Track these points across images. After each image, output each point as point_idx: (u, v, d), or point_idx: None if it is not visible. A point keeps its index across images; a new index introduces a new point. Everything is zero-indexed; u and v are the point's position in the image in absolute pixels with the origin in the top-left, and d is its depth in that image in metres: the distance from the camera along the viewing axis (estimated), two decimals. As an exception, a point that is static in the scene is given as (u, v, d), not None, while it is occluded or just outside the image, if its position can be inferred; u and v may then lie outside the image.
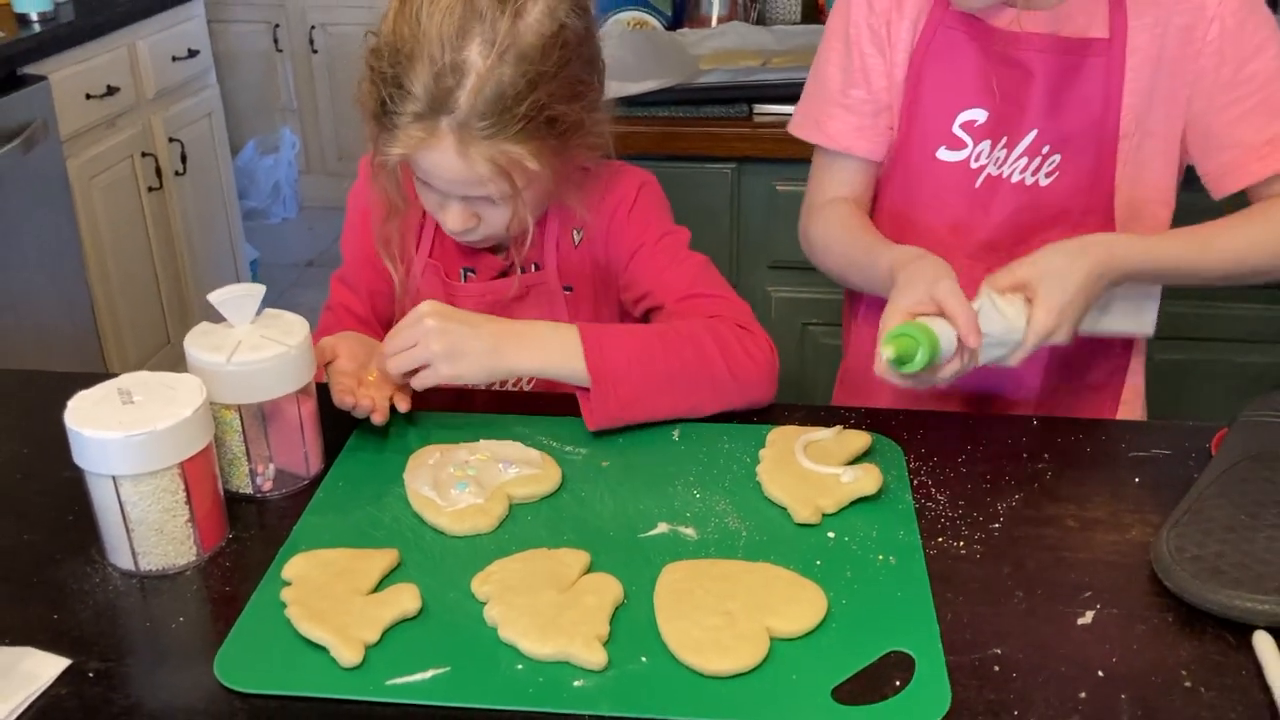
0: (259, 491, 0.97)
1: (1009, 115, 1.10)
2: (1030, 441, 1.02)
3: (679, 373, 1.03)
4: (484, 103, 0.97)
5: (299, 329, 0.96)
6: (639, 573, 0.85)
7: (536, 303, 1.18)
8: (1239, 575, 0.80)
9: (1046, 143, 1.09)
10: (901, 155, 1.16)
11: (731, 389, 1.05)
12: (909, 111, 1.14)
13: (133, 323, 2.71)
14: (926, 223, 1.16)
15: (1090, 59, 1.07)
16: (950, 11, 1.10)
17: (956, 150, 1.12)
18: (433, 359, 0.99)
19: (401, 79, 0.98)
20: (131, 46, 2.67)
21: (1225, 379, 1.81)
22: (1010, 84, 1.09)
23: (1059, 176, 1.11)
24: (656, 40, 2.04)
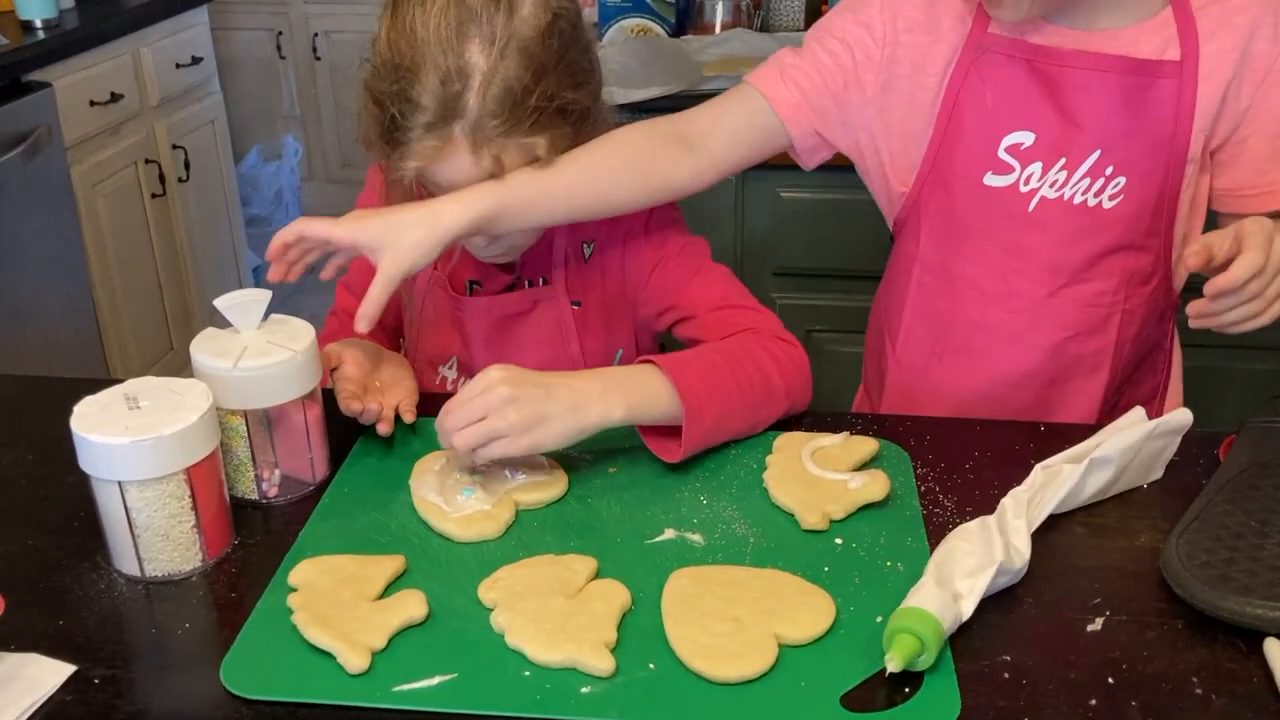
0: (264, 498, 0.97)
1: (1067, 136, 1.05)
2: (1037, 447, 1.01)
3: (747, 391, 1.01)
4: (493, 101, 0.96)
5: (305, 334, 0.96)
6: (646, 579, 0.85)
7: (543, 317, 1.17)
8: (1249, 582, 0.79)
9: (1110, 163, 1.05)
10: (943, 183, 1.10)
11: (784, 402, 1.05)
12: (946, 137, 1.09)
13: (136, 330, 2.71)
14: (979, 248, 1.11)
15: (1161, 80, 1.02)
16: (991, 34, 1.05)
17: (1004, 175, 1.07)
18: (510, 431, 0.90)
19: (408, 92, 0.97)
20: (135, 53, 2.68)
21: (1236, 385, 1.81)
22: (1069, 104, 1.04)
23: (1123, 199, 1.06)
24: (660, 47, 2.04)
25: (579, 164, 1.03)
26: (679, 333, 1.17)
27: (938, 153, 1.10)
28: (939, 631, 0.75)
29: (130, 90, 2.65)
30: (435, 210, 0.98)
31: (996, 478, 0.97)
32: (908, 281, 1.18)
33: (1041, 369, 1.13)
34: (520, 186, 1.00)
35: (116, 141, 2.62)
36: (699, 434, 0.97)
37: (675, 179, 1.08)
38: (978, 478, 0.98)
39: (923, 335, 1.18)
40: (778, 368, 1.04)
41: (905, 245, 1.18)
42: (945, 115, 1.08)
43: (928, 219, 1.13)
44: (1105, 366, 1.14)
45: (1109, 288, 1.10)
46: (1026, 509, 0.87)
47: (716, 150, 1.09)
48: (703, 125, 1.09)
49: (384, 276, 0.96)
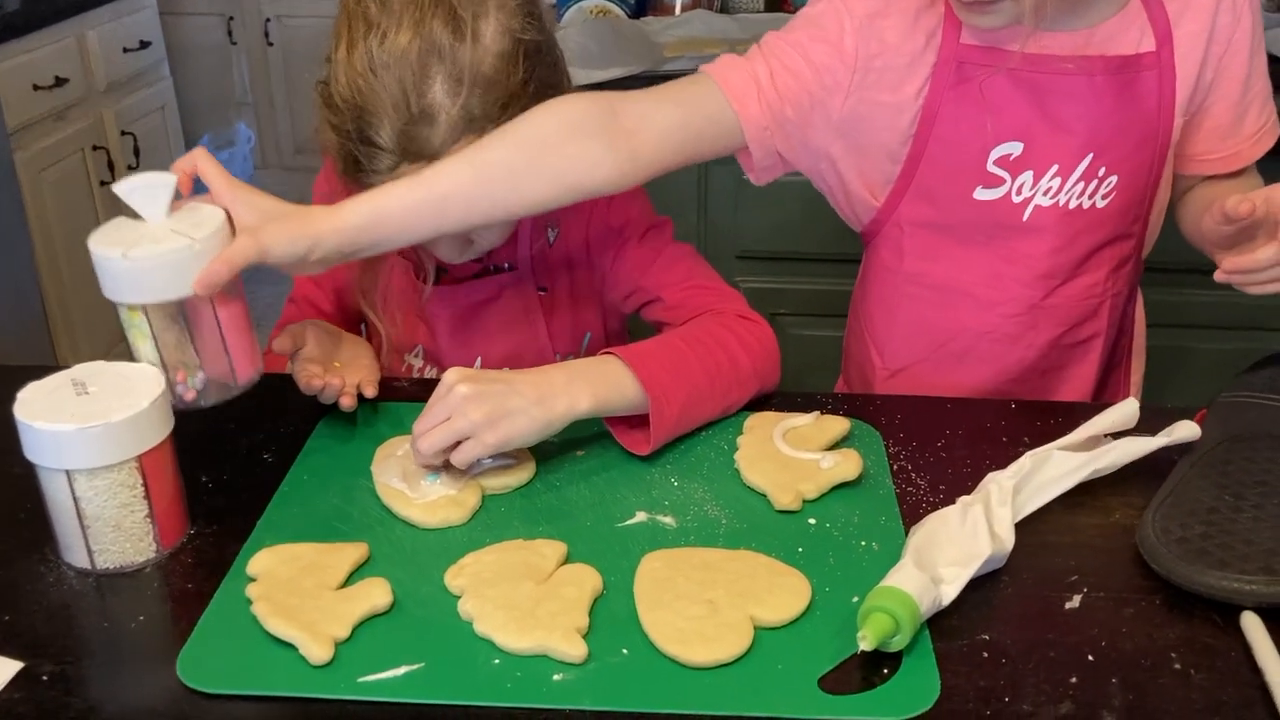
0: (181, 402, 0.89)
1: (1058, 143, 1.02)
2: (1009, 425, 1.01)
3: (715, 377, 0.99)
4: (458, 135, 0.94)
5: (212, 221, 0.86)
6: (617, 563, 0.83)
7: (509, 304, 1.15)
8: (1224, 556, 0.79)
9: (1103, 165, 1.03)
10: (926, 197, 1.06)
11: (754, 382, 1.03)
12: (928, 154, 1.04)
13: (85, 320, 2.65)
14: (972, 258, 1.08)
15: (1143, 73, 1.01)
16: (965, 46, 0.99)
17: (995, 188, 1.04)
18: (475, 429, 0.88)
19: (369, 135, 0.94)
20: (80, 37, 2.61)
21: (1202, 366, 1.82)
22: (1056, 110, 1.01)
23: (1115, 196, 1.05)
24: (620, 28, 2.01)
25: (473, 163, 0.92)
26: (646, 315, 1.15)
27: (918, 168, 1.05)
28: (915, 612, 0.74)
29: (76, 74, 2.58)
30: (312, 213, 0.89)
31: (969, 455, 0.96)
32: (890, 292, 1.14)
33: (1038, 364, 1.12)
34: (400, 196, 0.90)
35: (63, 127, 2.55)
36: (667, 423, 0.95)
37: (591, 179, 0.95)
38: (950, 455, 0.97)
39: (915, 345, 1.15)
40: (744, 348, 1.02)
41: (884, 257, 1.13)
42: (924, 133, 1.03)
43: (910, 232, 1.09)
44: (1097, 349, 1.13)
45: (1099, 278, 1.09)
46: (1012, 497, 0.86)
47: (643, 151, 0.96)
48: (634, 116, 0.96)
49: (240, 248, 0.85)
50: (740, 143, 1.01)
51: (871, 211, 1.10)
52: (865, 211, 1.10)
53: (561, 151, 0.93)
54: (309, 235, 0.88)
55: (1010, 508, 0.85)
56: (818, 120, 1.03)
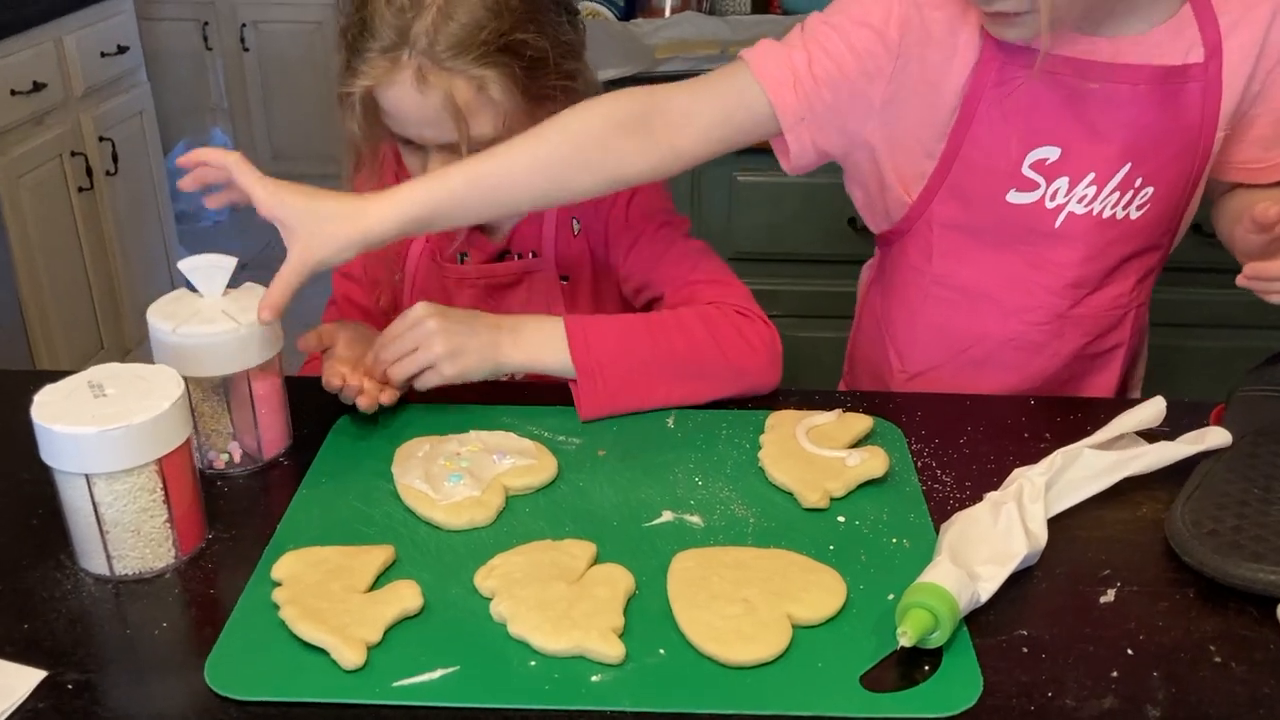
0: (210, 468, 0.94)
1: (1096, 150, 1.00)
2: (1030, 421, 1.01)
3: (668, 360, 1.01)
4: (445, 33, 0.97)
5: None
6: (647, 562, 0.82)
7: (532, 291, 1.15)
8: (1259, 549, 0.79)
9: (1140, 175, 1.01)
10: (958, 196, 1.05)
11: (727, 375, 1.02)
12: (963, 154, 1.02)
13: (64, 327, 2.60)
14: (1000, 262, 1.07)
15: (1188, 85, 0.98)
16: (1009, 46, 0.97)
17: (1028, 192, 1.02)
18: (436, 360, 0.97)
19: (365, 19, 0.99)
20: (58, 41, 2.56)
21: (1199, 363, 1.83)
22: (1095, 117, 0.98)
23: (1150, 208, 1.03)
24: (610, 31, 2.01)
25: (525, 156, 0.95)
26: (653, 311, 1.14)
27: (952, 167, 1.03)
28: (954, 608, 0.73)
29: (54, 79, 2.54)
30: (362, 208, 0.91)
31: (992, 451, 0.96)
32: (914, 294, 1.12)
33: (1060, 373, 1.11)
34: (457, 184, 0.94)
35: (41, 133, 2.51)
36: (602, 395, 1.00)
37: (630, 171, 0.98)
38: (973, 452, 0.96)
39: (937, 348, 1.13)
40: (715, 338, 1.02)
41: (909, 258, 1.11)
42: (961, 130, 1.01)
43: (940, 232, 1.07)
44: (1119, 360, 1.13)
45: (1126, 289, 1.09)
46: (1044, 493, 0.85)
47: (683, 145, 0.98)
48: (676, 113, 0.98)
49: (293, 266, 0.90)
50: (776, 130, 1.01)
51: (904, 209, 1.08)
52: (897, 208, 1.09)
53: (607, 146, 0.96)
54: (359, 234, 0.91)
55: (1043, 504, 0.85)
56: (859, 107, 1.01)
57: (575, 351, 1.00)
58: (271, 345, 0.93)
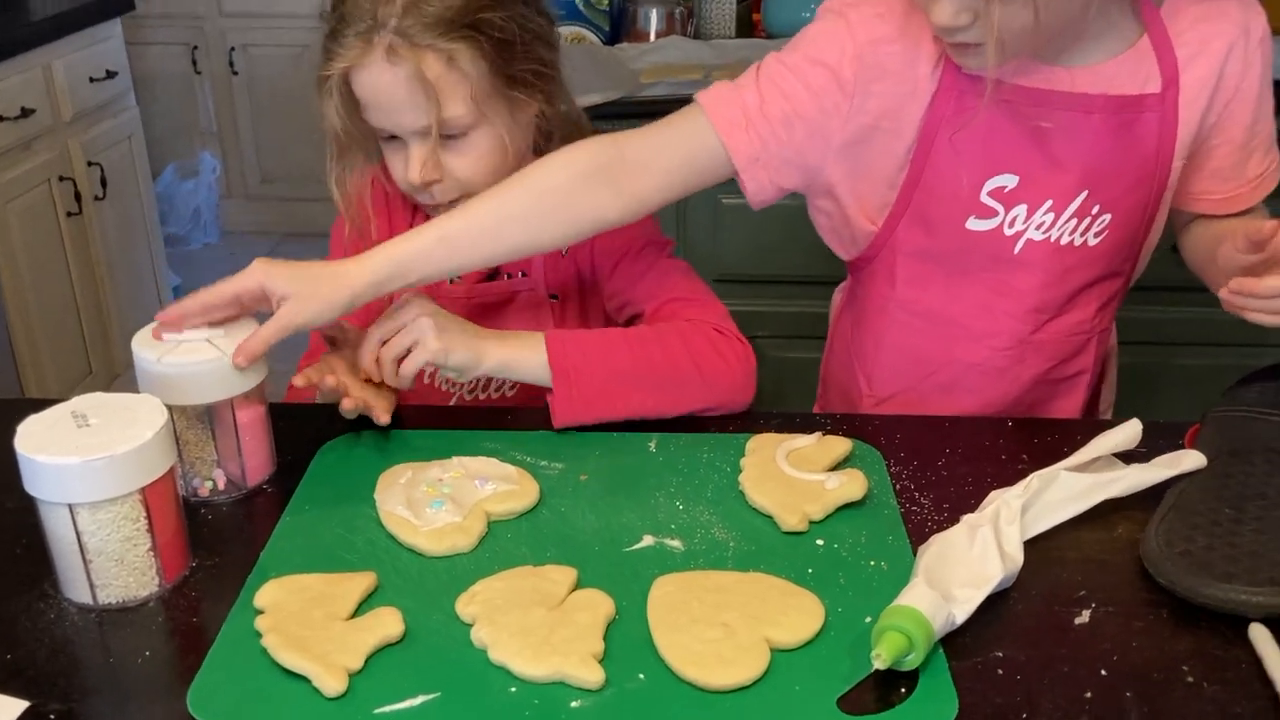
0: (195, 495, 0.95)
1: (1053, 178, 1.01)
2: (1007, 443, 1.02)
3: (645, 372, 1.03)
4: (414, 13, 1.01)
5: (245, 336, 0.93)
6: (628, 587, 0.83)
7: (521, 310, 1.17)
8: (1230, 569, 0.80)
9: (1097, 203, 1.02)
10: (921, 223, 1.06)
11: (700, 389, 1.05)
12: (923, 181, 1.04)
13: (52, 352, 2.60)
14: (963, 289, 1.08)
15: (1144, 114, 1.00)
16: (967, 76, 0.98)
17: (988, 219, 1.03)
18: (422, 334, 0.99)
19: (342, 7, 1.04)
20: (46, 67, 2.57)
21: (1185, 382, 1.84)
22: (1053, 146, 1.00)
23: (1108, 235, 1.04)
24: (596, 55, 2.03)
25: (493, 212, 0.99)
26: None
27: (913, 195, 1.05)
28: (929, 631, 0.74)
29: (42, 105, 2.55)
30: (345, 269, 0.96)
31: (970, 473, 0.97)
32: (881, 319, 1.14)
33: (1023, 398, 1.13)
34: (428, 241, 0.98)
35: (29, 158, 2.52)
36: (577, 403, 1.02)
37: (597, 220, 1.02)
38: (951, 474, 0.97)
39: (903, 373, 1.15)
40: (690, 353, 1.05)
41: (876, 284, 1.13)
42: (921, 159, 1.02)
43: (903, 259, 1.09)
44: (1083, 386, 1.14)
45: (1087, 315, 1.10)
46: (1020, 515, 0.86)
47: (646, 192, 1.02)
48: (637, 161, 1.01)
49: (280, 322, 0.93)
50: (734, 171, 1.03)
51: (869, 237, 1.10)
52: (863, 237, 1.10)
53: (574, 199, 1.00)
54: (346, 293, 0.95)
55: (1019, 526, 0.86)
56: (817, 145, 1.03)
57: (553, 356, 1.02)
58: (255, 374, 0.94)
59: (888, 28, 0.99)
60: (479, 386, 1.20)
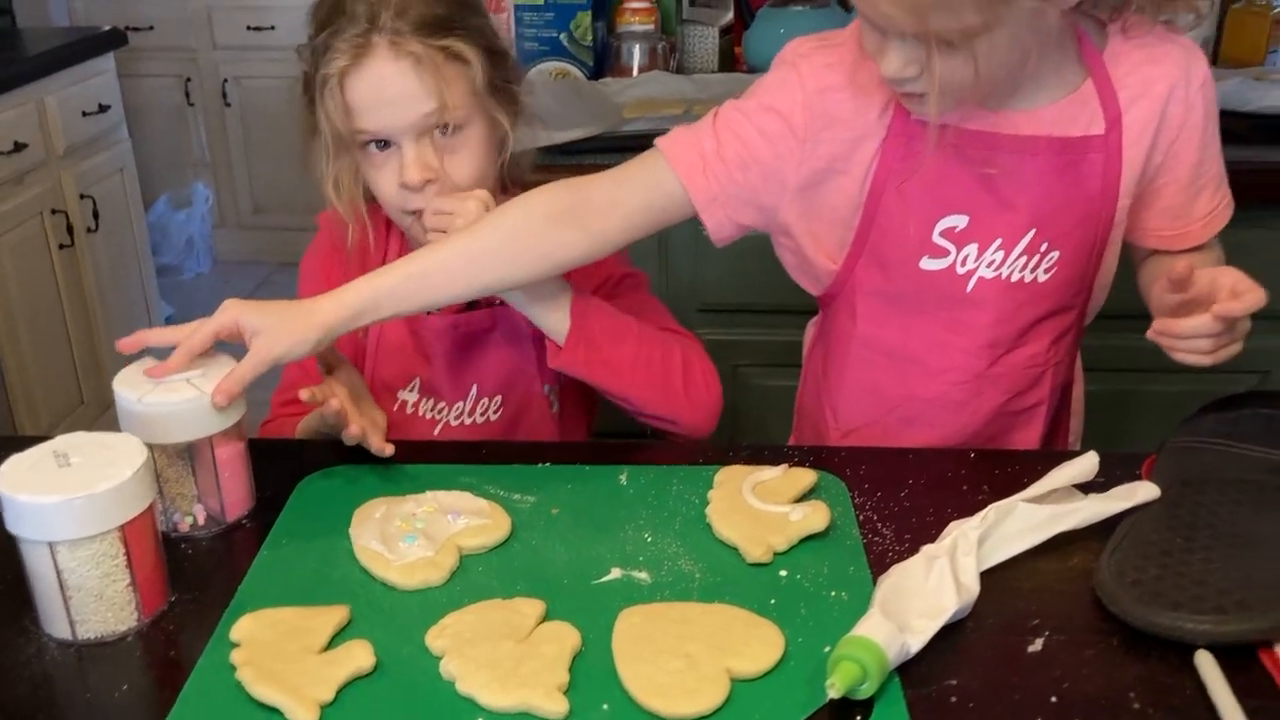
0: (175, 531, 0.97)
1: (1001, 218, 1.05)
2: (969, 474, 1.04)
3: (642, 365, 1.11)
4: (408, 16, 1.09)
5: (223, 374, 0.96)
6: (595, 619, 0.85)
7: (502, 339, 1.22)
8: (1179, 597, 0.82)
9: (1045, 240, 1.05)
10: (877, 263, 1.09)
11: (680, 400, 1.12)
12: (877, 223, 1.07)
13: (44, 383, 2.63)
14: (920, 325, 1.11)
15: (1089, 155, 1.03)
16: (915, 122, 1.02)
17: (940, 258, 1.07)
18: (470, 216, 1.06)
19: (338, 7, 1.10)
20: (40, 102, 2.61)
21: (1153, 409, 1.87)
22: (1000, 186, 1.03)
23: (1057, 271, 1.07)
24: (580, 89, 2.06)
25: (462, 253, 1.03)
26: None
27: (868, 236, 1.08)
28: (883, 661, 0.77)
29: (35, 139, 2.58)
30: (316, 304, 0.99)
31: (931, 504, 0.99)
32: (844, 354, 1.17)
33: (983, 430, 1.15)
34: (394, 281, 1.01)
35: (21, 191, 2.55)
36: (582, 351, 1.09)
37: (563, 259, 1.06)
38: (914, 504, 1.00)
39: (867, 407, 1.17)
40: (683, 365, 1.13)
41: (840, 321, 1.16)
42: (874, 202, 1.06)
43: (863, 297, 1.12)
44: (1040, 417, 1.16)
45: (1041, 349, 1.12)
46: (977, 547, 0.89)
47: (611, 232, 1.06)
48: (601, 202, 1.05)
49: (255, 358, 0.96)
50: (693, 210, 1.07)
51: (830, 276, 1.13)
52: (825, 275, 1.13)
53: (540, 239, 1.04)
54: (317, 328, 0.98)
55: (975, 557, 0.88)
56: (772, 187, 1.06)
57: (575, 313, 1.09)
58: (233, 411, 0.96)
59: (837, 77, 1.03)
60: (465, 412, 1.22)
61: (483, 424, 1.24)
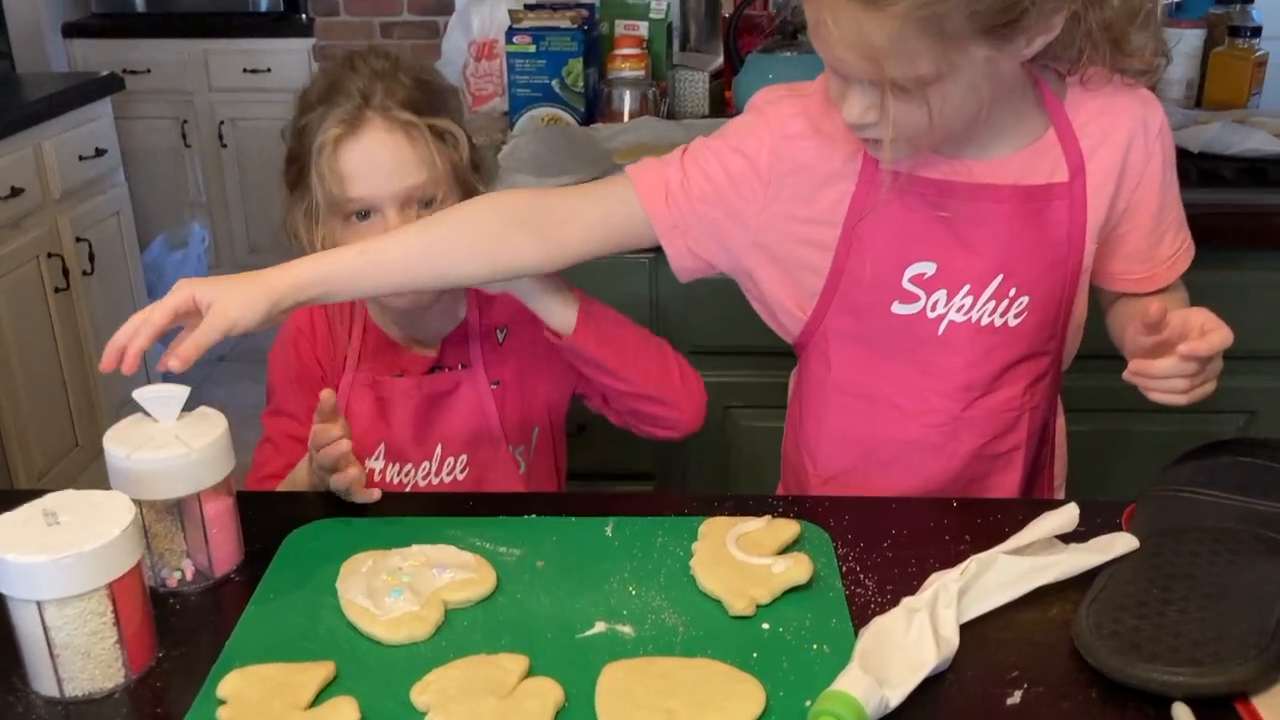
0: (164, 586, 0.98)
1: (968, 264, 1.06)
2: (951, 523, 1.05)
3: (644, 343, 1.19)
4: (401, 94, 1.17)
5: (214, 430, 0.97)
6: (579, 674, 0.86)
7: (465, 397, 1.25)
8: (1155, 649, 0.83)
9: (1013, 285, 1.07)
10: (849, 310, 1.11)
11: (676, 384, 1.19)
12: (847, 270, 1.09)
13: (39, 426, 2.63)
14: (894, 370, 1.13)
15: (1054, 203, 1.05)
16: (882, 171, 1.04)
17: (910, 303, 1.08)
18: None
19: (333, 89, 1.17)
20: (37, 147, 2.64)
21: (1138, 449, 1.88)
22: (967, 234, 1.06)
23: (1027, 316, 1.09)
24: (571, 135, 2.08)
25: (420, 238, 1.06)
26: (589, 405, 1.27)
27: (839, 284, 1.10)
28: (861, 716, 0.77)
29: (32, 184, 2.61)
30: (265, 274, 1.02)
31: (914, 555, 1.00)
32: (822, 402, 1.18)
33: (962, 473, 1.16)
34: (349, 258, 1.04)
35: (17, 236, 2.57)
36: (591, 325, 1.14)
37: (520, 263, 1.09)
38: (896, 555, 1.01)
39: (845, 452, 1.19)
40: (677, 357, 1.21)
41: (814, 367, 1.18)
42: (844, 248, 1.08)
43: (836, 343, 1.14)
44: (1019, 461, 1.17)
45: (1016, 393, 1.14)
46: (957, 600, 0.90)
47: (568, 242, 1.09)
48: (561, 213, 1.08)
49: (209, 324, 0.98)
50: (654, 238, 1.10)
51: (799, 324, 1.15)
52: (793, 323, 1.15)
53: (497, 238, 1.07)
54: (266, 294, 1.00)
55: (955, 609, 0.89)
56: (734, 226, 1.09)
57: (581, 300, 1.15)
58: (222, 467, 0.97)
59: (802, 124, 1.06)
60: (431, 472, 1.25)
61: (449, 483, 1.27)
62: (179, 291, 0.99)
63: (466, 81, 2.37)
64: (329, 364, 1.27)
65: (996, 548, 0.96)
